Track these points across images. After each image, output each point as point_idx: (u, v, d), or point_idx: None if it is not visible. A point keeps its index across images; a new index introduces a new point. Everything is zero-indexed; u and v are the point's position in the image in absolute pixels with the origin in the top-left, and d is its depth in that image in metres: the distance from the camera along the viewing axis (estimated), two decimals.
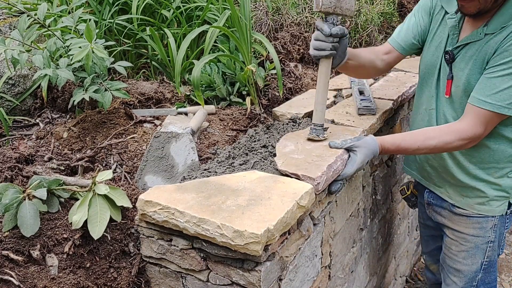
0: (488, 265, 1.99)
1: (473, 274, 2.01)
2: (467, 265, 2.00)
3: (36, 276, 1.34)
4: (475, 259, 1.98)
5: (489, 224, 1.91)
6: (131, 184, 1.71)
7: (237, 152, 1.78)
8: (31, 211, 1.38)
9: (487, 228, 1.92)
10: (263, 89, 2.31)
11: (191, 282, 1.47)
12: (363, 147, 1.72)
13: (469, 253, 1.98)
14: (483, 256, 1.97)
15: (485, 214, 1.90)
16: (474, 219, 1.92)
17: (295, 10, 2.71)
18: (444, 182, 1.97)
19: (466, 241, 1.97)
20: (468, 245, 1.97)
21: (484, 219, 1.91)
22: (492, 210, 1.89)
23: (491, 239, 1.93)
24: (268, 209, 1.36)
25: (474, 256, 1.98)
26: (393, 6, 3.31)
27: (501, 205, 1.89)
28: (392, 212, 2.69)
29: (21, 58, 1.79)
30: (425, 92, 1.96)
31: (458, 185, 1.92)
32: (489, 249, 1.96)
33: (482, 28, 1.70)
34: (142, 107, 2.17)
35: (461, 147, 1.74)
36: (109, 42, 2.13)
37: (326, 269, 1.85)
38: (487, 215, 1.90)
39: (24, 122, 2.12)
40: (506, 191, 1.87)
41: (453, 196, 1.95)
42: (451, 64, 1.81)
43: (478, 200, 1.89)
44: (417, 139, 1.77)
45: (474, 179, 1.88)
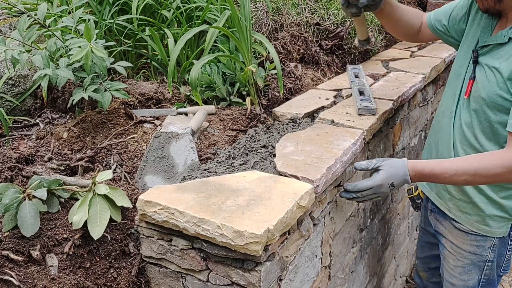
0: (486, 283, 1.91)
1: None
2: (463, 280, 1.94)
3: (36, 276, 1.34)
4: (471, 275, 1.91)
5: (488, 244, 1.83)
6: (131, 184, 1.71)
7: (237, 152, 1.78)
8: (31, 211, 1.38)
9: (485, 247, 1.84)
10: (263, 89, 2.31)
11: (191, 282, 1.47)
12: (389, 166, 1.61)
13: (465, 269, 1.91)
14: (479, 273, 1.90)
15: (484, 234, 1.82)
16: (472, 236, 1.84)
17: (295, 10, 2.71)
18: (445, 194, 1.90)
19: (463, 256, 1.90)
20: (465, 261, 1.90)
21: (483, 238, 1.83)
22: (491, 231, 1.80)
23: (489, 258, 1.86)
24: (268, 209, 1.36)
25: (470, 272, 1.91)
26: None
27: (503, 226, 1.80)
28: (392, 212, 2.69)
29: (21, 58, 1.78)
30: (448, 93, 1.88)
31: (458, 198, 1.84)
32: (487, 268, 1.88)
33: (507, 31, 1.58)
34: (142, 107, 2.17)
35: (503, 176, 1.53)
36: (109, 42, 2.13)
37: (326, 269, 1.85)
38: (486, 235, 1.82)
39: (24, 122, 2.12)
40: (509, 213, 1.77)
41: (453, 210, 1.88)
42: (476, 64, 1.70)
43: (476, 217, 1.81)
44: (455, 164, 1.60)
45: (474, 194, 1.77)
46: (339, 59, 2.76)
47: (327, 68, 2.68)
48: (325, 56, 2.69)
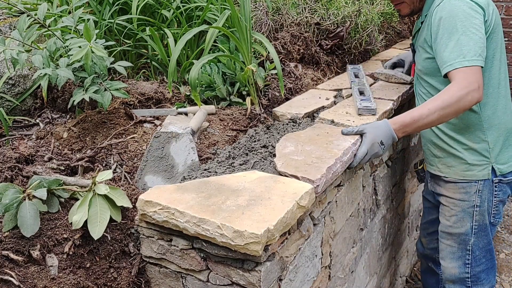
0: (478, 229, 2.18)
1: (464, 237, 2.21)
2: (457, 227, 2.21)
3: (36, 276, 1.34)
4: (463, 222, 2.19)
5: (473, 189, 2.12)
6: (131, 184, 1.71)
7: (237, 152, 1.78)
8: (31, 211, 1.38)
9: (471, 192, 2.13)
10: (263, 89, 2.30)
11: (191, 282, 1.47)
12: (372, 127, 1.83)
13: (458, 216, 2.20)
14: (471, 219, 2.17)
15: (470, 179, 2.12)
16: (460, 184, 2.15)
17: (295, 10, 2.71)
18: (434, 158, 2.23)
19: (455, 205, 2.19)
20: (457, 209, 2.19)
21: (468, 184, 2.13)
22: (475, 174, 2.10)
23: (476, 203, 2.13)
24: (268, 209, 1.36)
25: (462, 219, 2.19)
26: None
27: (483, 169, 2.09)
28: (392, 212, 2.69)
29: (20, 58, 1.78)
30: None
31: (443, 156, 2.17)
32: (476, 214, 2.15)
33: (419, 19, 2.18)
34: (142, 107, 2.16)
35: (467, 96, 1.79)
36: (109, 42, 2.13)
37: (326, 269, 1.85)
38: (471, 180, 2.12)
39: (24, 122, 2.12)
40: (484, 155, 2.08)
41: (443, 169, 2.19)
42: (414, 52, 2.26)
43: (461, 167, 2.12)
44: (425, 105, 1.86)
45: (453, 147, 2.11)
46: (339, 59, 2.76)
47: (327, 68, 2.68)
48: (325, 56, 2.69)
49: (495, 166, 2.09)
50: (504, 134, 2.10)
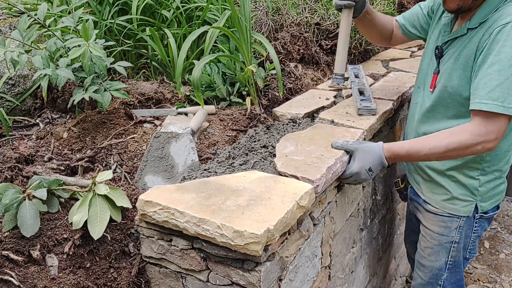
0: (453, 265, 2.03)
1: (436, 271, 2.07)
2: (431, 261, 2.07)
3: (36, 276, 1.34)
4: (438, 256, 2.04)
5: (454, 224, 1.95)
6: (131, 184, 1.71)
7: (237, 152, 1.78)
8: (31, 211, 1.38)
9: (452, 228, 1.96)
10: (263, 89, 2.31)
11: (191, 282, 1.47)
12: (363, 151, 1.71)
13: (434, 250, 2.04)
14: (447, 255, 2.02)
15: (451, 213, 1.94)
16: (440, 217, 1.97)
17: (295, 10, 2.71)
18: (419, 177, 2.04)
19: (432, 238, 2.03)
20: (433, 242, 2.03)
21: (449, 219, 1.95)
22: (457, 209, 1.92)
23: (455, 239, 1.97)
24: (268, 209, 1.36)
25: (438, 253, 2.04)
26: (393, 6, 3.31)
27: (467, 205, 1.91)
28: (392, 212, 2.69)
29: (21, 59, 1.79)
30: (415, 87, 2.06)
31: (428, 180, 1.97)
32: (453, 249, 2.00)
33: (466, 24, 1.75)
34: (142, 107, 2.17)
35: (478, 145, 1.63)
36: (109, 42, 2.13)
37: (326, 269, 1.85)
38: (452, 215, 1.94)
39: (24, 122, 2.12)
40: (472, 192, 1.89)
41: (425, 192, 2.02)
42: (440, 59, 1.86)
43: (443, 197, 1.94)
44: (428, 141, 1.72)
45: (441, 175, 1.92)
46: None
47: (327, 68, 2.68)
48: (325, 56, 2.69)
49: (479, 204, 1.91)
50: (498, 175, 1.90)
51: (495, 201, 1.95)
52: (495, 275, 3.40)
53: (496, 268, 3.47)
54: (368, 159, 1.70)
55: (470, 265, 3.47)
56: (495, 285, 3.31)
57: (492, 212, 1.97)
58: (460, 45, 1.77)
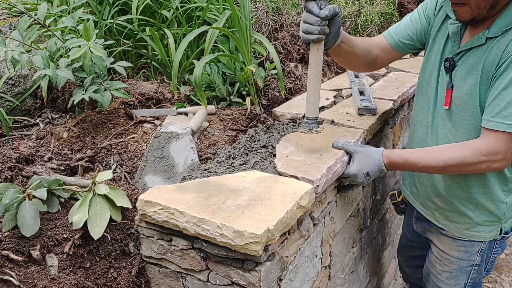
0: (472, 286, 1.92)
1: None
2: (450, 285, 1.94)
3: (36, 276, 1.34)
4: (458, 280, 1.91)
5: (475, 249, 1.83)
6: (131, 184, 1.71)
7: (237, 152, 1.78)
8: (31, 211, 1.38)
9: (473, 252, 1.84)
10: (263, 89, 2.31)
11: (191, 282, 1.47)
12: (363, 154, 1.68)
13: (453, 274, 1.91)
14: (466, 278, 1.90)
15: (473, 239, 1.82)
16: (460, 242, 1.84)
17: (295, 10, 2.71)
18: (430, 204, 1.89)
19: (450, 262, 1.90)
20: (452, 267, 1.90)
21: (470, 243, 1.83)
22: (481, 236, 1.80)
23: (476, 262, 1.86)
24: (268, 209, 1.36)
25: (457, 277, 1.91)
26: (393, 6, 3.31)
27: (492, 230, 1.79)
28: (392, 212, 2.69)
29: (21, 59, 1.79)
30: (420, 103, 1.87)
31: (444, 208, 1.83)
32: (474, 272, 1.88)
33: (484, 32, 1.58)
34: (142, 107, 2.17)
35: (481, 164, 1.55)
36: (109, 42, 2.13)
37: (326, 269, 1.85)
38: (474, 240, 1.82)
39: (24, 122, 2.12)
40: (498, 216, 1.76)
41: (440, 220, 1.87)
42: (451, 72, 1.68)
43: (465, 225, 1.80)
44: (428, 153, 1.65)
45: (462, 203, 1.77)
46: None
47: (327, 68, 2.68)
48: (325, 56, 2.69)
49: (503, 226, 1.79)
50: None
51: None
52: (495, 275, 3.40)
53: (496, 268, 3.47)
54: (367, 163, 1.66)
55: None
56: (495, 285, 3.31)
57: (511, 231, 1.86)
58: (477, 56, 1.60)
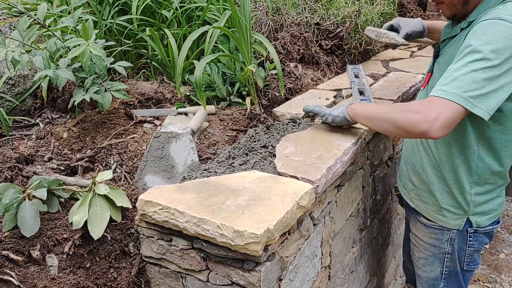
0: (449, 274, 1.97)
1: (433, 282, 2.01)
2: (426, 271, 2.02)
3: (36, 276, 1.34)
4: (433, 267, 1.98)
5: (445, 237, 1.89)
6: (131, 184, 1.71)
7: (237, 152, 1.78)
8: (31, 211, 1.38)
9: (443, 240, 1.90)
10: (263, 89, 2.31)
11: (191, 282, 1.47)
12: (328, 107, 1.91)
13: (428, 260, 1.99)
14: (441, 266, 1.96)
15: (441, 225, 1.88)
16: (431, 229, 1.92)
17: (295, 10, 2.71)
18: (409, 183, 1.98)
19: (425, 248, 1.98)
20: (427, 253, 1.98)
21: (440, 231, 1.89)
22: (447, 222, 1.86)
23: (447, 251, 1.91)
24: (268, 209, 1.36)
25: (432, 264, 1.98)
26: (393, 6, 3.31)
27: (458, 219, 1.83)
28: (392, 212, 2.69)
29: (22, 59, 1.79)
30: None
31: (418, 188, 1.92)
32: (447, 260, 1.93)
33: (459, 24, 1.73)
34: (142, 107, 2.17)
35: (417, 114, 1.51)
36: (109, 42, 2.13)
37: (326, 269, 1.85)
38: (443, 227, 1.88)
39: (24, 122, 2.12)
40: (462, 206, 1.81)
41: (414, 200, 1.96)
42: (436, 58, 1.82)
43: (433, 207, 1.88)
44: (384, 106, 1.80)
45: (432, 183, 1.85)
46: (339, 59, 2.76)
47: (327, 68, 2.68)
48: (325, 56, 2.69)
49: (471, 218, 1.82)
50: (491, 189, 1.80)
51: (492, 216, 1.84)
52: (495, 275, 3.40)
53: (496, 268, 3.47)
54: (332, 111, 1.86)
55: None
56: (495, 285, 3.31)
57: (491, 226, 1.87)
58: (454, 45, 1.72)
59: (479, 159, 1.73)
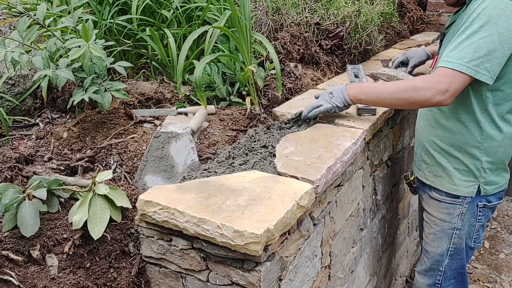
0: (454, 251, 2.11)
1: (438, 257, 2.16)
2: (434, 247, 2.16)
3: (36, 276, 1.34)
4: (441, 242, 2.13)
5: (456, 211, 2.04)
6: (131, 184, 1.71)
7: (237, 152, 1.78)
8: (31, 211, 1.38)
9: (454, 214, 2.05)
10: (263, 89, 2.30)
11: (191, 282, 1.47)
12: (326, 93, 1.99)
13: (436, 236, 2.13)
14: (448, 241, 2.10)
15: (454, 196, 2.02)
16: (444, 204, 2.07)
17: (295, 10, 2.71)
18: (422, 163, 2.15)
19: (435, 224, 2.13)
20: (436, 228, 2.12)
21: (452, 205, 2.05)
22: (460, 190, 2.01)
23: (457, 226, 2.06)
24: (268, 209, 1.36)
25: (440, 239, 2.12)
26: (393, 6, 3.30)
27: (470, 186, 1.99)
28: (392, 212, 2.69)
29: (21, 60, 1.79)
30: None
31: (431, 164, 2.08)
32: (455, 236, 2.08)
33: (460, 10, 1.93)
34: (142, 107, 2.17)
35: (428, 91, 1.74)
36: (109, 42, 2.13)
37: (326, 269, 1.85)
38: (455, 201, 2.02)
39: (24, 122, 2.12)
40: (473, 172, 1.97)
41: (429, 177, 2.11)
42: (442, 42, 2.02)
43: (447, 178, 2.03)
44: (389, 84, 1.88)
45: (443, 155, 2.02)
46: (339, 59, 2.76)
47: (327, 68, 2.68)
48: (325, 56, 2.69)
49: (482, 186, 1.99)
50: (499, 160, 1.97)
51: (498, 186, 2.01)
52: (495, 275, 3.40)
53: (496, 268, 3.47)
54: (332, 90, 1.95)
55: (470, 265, 3.47)
56: (495, 285, 3.31)
57: (496, 201, 2.03)
58: (454, 27, 1.89)
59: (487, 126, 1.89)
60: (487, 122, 1.89)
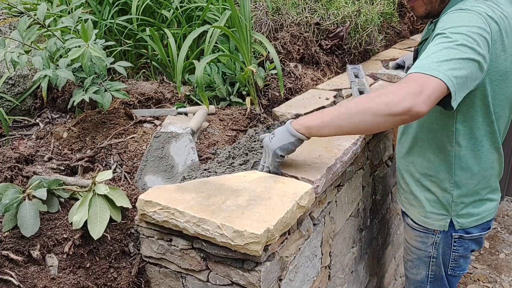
0: (434, 278, 1.99)
1: (419, 284, 2.05)
2: (413, 274, 2.06)
3: (36, 276, 1.34)
4: (419, 270, 2.02)
5: (430, 240, 1.92)
6: (131, 184, 1.71)
7: (237, 152, 1.78)
8: (31, 211, 1.38)
9: (428, 243, 1.93)
10: (263, 89, 2.30)
11: (191, 282, 1.47)
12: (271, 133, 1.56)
13: (414, 263, 2.03)
14: (427, 269, 1.99)
15: (426, 227, 1.90)
16: (417, 232, 1.96)
17: (295, 10, 2.71)
18: (400, 188, 2.04)
19: (411, 251, 2.03)
20: (413, 256, 2.02)
21: (425, 234, 1.93)
22: (431, 223, 1.88)
23: (432, 254, 1.94)
24: (268, 209, 1.36)
25: (418, 267, 2.02)
26: (393, 6, 3.30)
27: (441, 220, 1.85)
28: (392, 212, 2.69)
29: (21, 60, 1.79)
30: None
31: (406, 191, 1.97)
32: (432, 264, 1.96)
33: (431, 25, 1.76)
34: (142, 107, 2.17)
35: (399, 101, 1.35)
36: (109, 42, 2.13)
37: (326, 269, 1.85)
38: (428, 230, 1.90)
39: (24, 122, 2.12)
40: (445, 206, 1.83)
41: (404, 204, 2.01)
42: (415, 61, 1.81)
43: (419, 210, 1.91)
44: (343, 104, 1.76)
45: (416, 184, 1.89)
46: (339, 59, 2.76)
47: (327, 68, 2.68)
48: (325, 56, 2.69)
49: (455, 220, 1.83)
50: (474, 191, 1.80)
51: (479, 218, 1.83)
52: (495, 275, 3.40)
53: (496, 268, 3.47)
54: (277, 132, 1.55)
55: (470, 265, 3.47)
56: (495, 285, 3.31)
57: (478, 232, 1.85)
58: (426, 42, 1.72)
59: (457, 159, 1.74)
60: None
